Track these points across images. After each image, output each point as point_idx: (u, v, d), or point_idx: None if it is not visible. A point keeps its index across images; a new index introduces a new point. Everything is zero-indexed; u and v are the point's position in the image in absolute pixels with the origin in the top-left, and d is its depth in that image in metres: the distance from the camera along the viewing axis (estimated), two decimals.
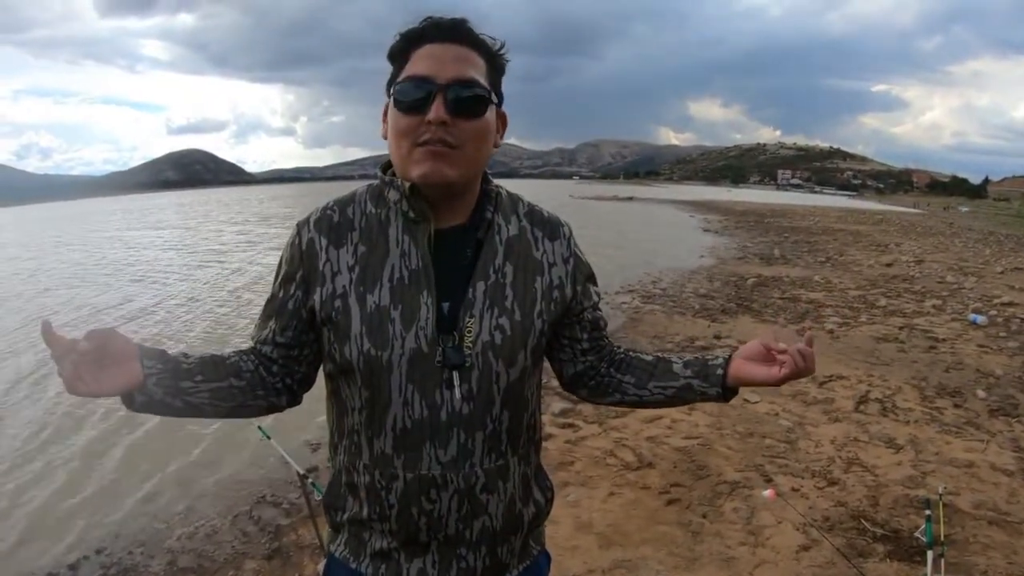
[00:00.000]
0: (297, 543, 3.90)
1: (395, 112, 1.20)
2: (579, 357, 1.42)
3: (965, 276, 14.47)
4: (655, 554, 3.55)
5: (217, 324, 10.34)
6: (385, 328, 1.19)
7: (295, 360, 1.32)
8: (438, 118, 1.14)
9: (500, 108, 1.28)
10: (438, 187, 1.20)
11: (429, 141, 1.16)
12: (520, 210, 1.35)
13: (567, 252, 1.35)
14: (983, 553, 3.50)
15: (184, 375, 1.19)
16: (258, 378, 1.29)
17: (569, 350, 1.41)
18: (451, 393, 1.20)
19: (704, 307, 10.52)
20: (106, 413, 6.38)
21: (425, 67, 1.17)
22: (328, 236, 1.25)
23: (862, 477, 4.40)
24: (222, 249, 22.40)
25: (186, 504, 4.56)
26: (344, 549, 1.35)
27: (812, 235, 26.06)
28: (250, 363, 1.30)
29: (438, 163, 1.16)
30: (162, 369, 1.16)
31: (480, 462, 1.25)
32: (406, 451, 1.22)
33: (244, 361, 1.29)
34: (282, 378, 1.32)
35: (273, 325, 1.29)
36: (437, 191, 1.21)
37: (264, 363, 1.31)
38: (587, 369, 1.44)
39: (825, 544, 3.55)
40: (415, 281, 1.21)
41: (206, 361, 1.24)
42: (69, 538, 4.20)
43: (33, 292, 14.12)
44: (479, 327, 1.22)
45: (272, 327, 1.30)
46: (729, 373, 1.32)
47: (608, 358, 1.46)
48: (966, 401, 6.02)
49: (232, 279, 14.94)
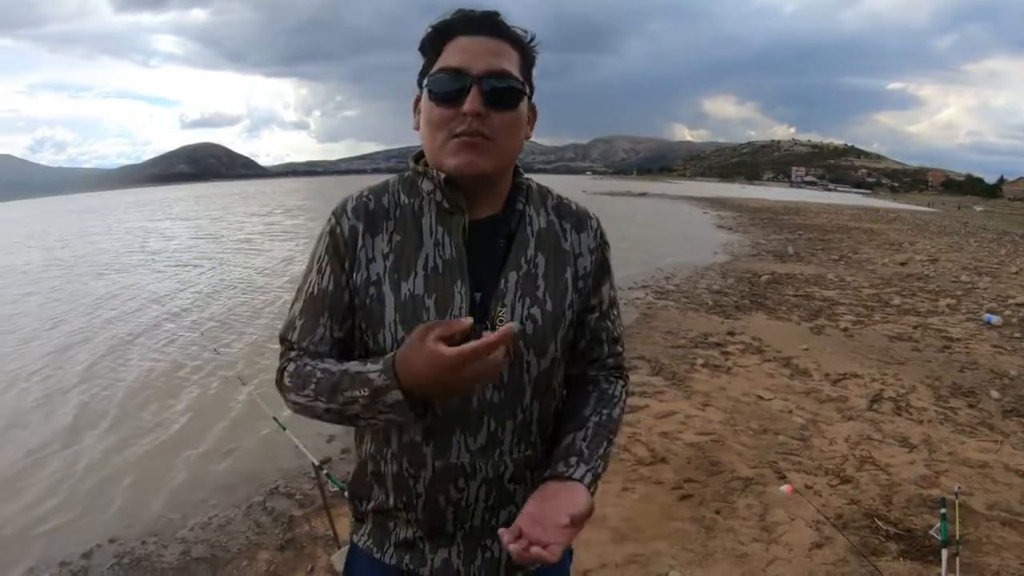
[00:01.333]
0: (310, 534, 3.91)
1: (429, 104, 1.20)
2: (570, 360, 1.36)
3: (980, 276, 14.38)
4: (668, 549, 3.57)
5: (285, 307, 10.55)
6: (419, 316, 1.19)
7: (348, 356, 1.28)
8: (473, 110, 1.15)
9: (531, 100, 1.28)
10: (472, 178, 1.20)
11: (464, 133, 1.17)
12: (549, 202, 1.34)
13: (594, 243, 1.34)
14: (996, 554, 3.49)
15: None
16: None
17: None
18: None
19: (718, 303, 10.50)
20: (120, 403, 6.45)
21: (459, 59, 1.18)
22: (365, 223, 1.25)
23: (875, 476, 4.40)
24: (258, 239, 22.77)
25: (200, 495, 4.59)
26: (368, 539, 1.35)
27: (826, 233, 25.93)
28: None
29: (472, 155, 1.17)
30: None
31: (509, 451, 1.25)
32: (436, 439, 1.22)
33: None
34: None
35: (327, 322, 1.27)
36: (471, 182, 1.21)
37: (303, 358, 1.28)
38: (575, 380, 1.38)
39: (838, 542, 3.56)
40: (449, 270, 1.21)
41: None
42: (83, 527, 4.24)
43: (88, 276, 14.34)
44: (511, 316, 1.21)
45: (326, 324, 1.27)
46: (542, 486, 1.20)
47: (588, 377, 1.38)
48: (980, 401, 6.00)
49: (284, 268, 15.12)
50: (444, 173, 1.21)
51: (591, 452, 1.25)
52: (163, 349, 8.52)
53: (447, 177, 1.21)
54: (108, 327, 9.84)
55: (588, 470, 1.21)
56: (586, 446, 1.26)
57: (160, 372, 7.49)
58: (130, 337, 9.14)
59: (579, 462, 1.22)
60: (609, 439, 1.30)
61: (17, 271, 16.63)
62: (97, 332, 9.53)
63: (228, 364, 7.59)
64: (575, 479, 1.19)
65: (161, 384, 7.06)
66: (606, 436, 1.29)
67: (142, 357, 8.16)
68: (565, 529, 1.09)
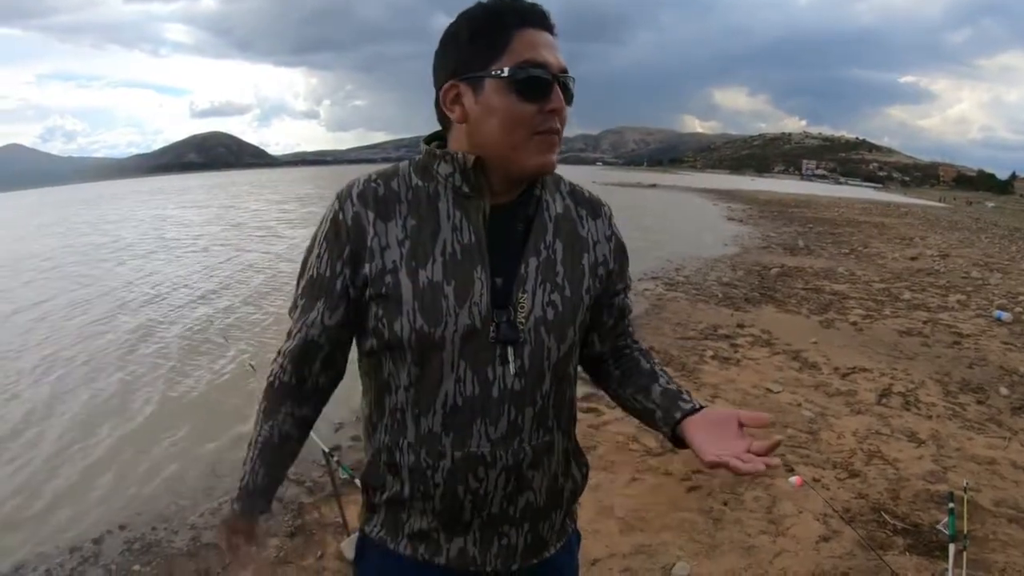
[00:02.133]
0: (320, 521, 3.92)
1: (510, 98, 1.16)
2: (596, 341, 1.41)
3: (990, 272, 14.32)
4: (676, 540, 3.58)
5: None
6: (439, 304, 1.17)
7: (340, 347, 1.30)
8: (561, 108, 1.18)
9: None
10: (543, 175, 1.25)
11: (551, 131, 1.18)
12: (563, 189, 1.35)
13: (609, 231, 1.36)
14: (1002, 550, 3.50)
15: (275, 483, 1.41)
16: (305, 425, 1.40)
17: (592, 331, 1.39)
18: (504, 369, 1.20)
19: (727, 296, 10.49)
20: (130, 391, 6.49)
21: (540, 54, 1.17)
22: (375, 209, 1.21)
23: (883, 470, 4.41)
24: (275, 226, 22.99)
25: (209, 481, 4.61)
26: (380, 530, 1.33)
27: (836, 226, 25.83)
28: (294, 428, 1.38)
29: (553, 153, 1.21)
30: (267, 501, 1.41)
31: (529, 438, 1.24)
32: (455, 429, 1.21)
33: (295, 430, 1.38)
34: (321, 373, 1.33)
35: (321, 307, 1.25)
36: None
37: (308, 353, 1.30)
38: (601, 353, 1.43)
39: (845, 535, 3.57)
40: (468, 256, 1.19)
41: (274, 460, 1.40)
42: (93, 513, 4.26)
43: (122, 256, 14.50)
44: (532, 303, 1.21)
45: (320, 309, 1.26)
46: (685, 425, 1.23)
47: (620, 347, 1.45)
48: (989, 398, 5.99)
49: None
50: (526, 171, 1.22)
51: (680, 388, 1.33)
52: (176, 335, 8.56)
53: (476, 162, 1.19)
54: (120, 315, 9.89)
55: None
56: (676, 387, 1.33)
57: (172, 359, 7.52)
58: (146, 324, 9.18)
59: (689, 395, 1.30)
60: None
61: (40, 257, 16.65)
62: (105, 321, 9.58)
63: (239, 351, 7.63)
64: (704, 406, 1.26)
65: (173, 371, 7.09)
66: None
67: (155, 343, 8.21)
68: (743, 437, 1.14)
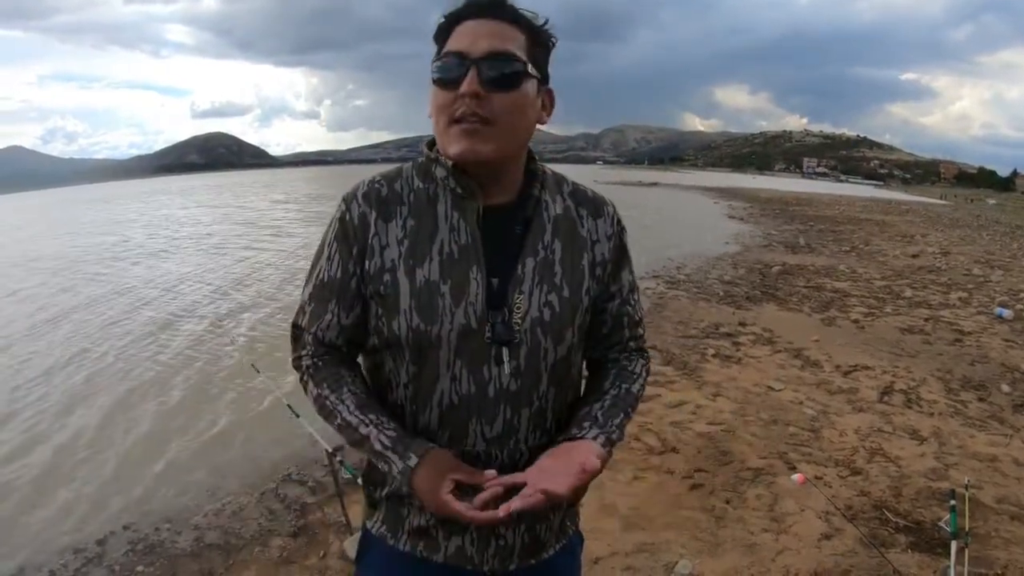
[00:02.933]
0: (323, 521, 3.93)
1: (433, 87, 1.21)
2: (590, 347, 1.39)
3: (992, 269, 14.31)
4: (678, 538, 3.59)
5: None
6: (435, 303, 1.18)
7: (356, 346, 1.32)
8: (470, 90, 1.15)
9: (546, 85, 1.27)
10: (475, 164, 1.20)
11: (464, 117, 1.16)
12: (565, 189, 1.34)
13: (611, 230, 1.34)
14: (1004, 547, 3.50)
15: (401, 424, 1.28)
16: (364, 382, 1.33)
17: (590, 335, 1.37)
18: (500, 369, 1.20)
19: (729, 294, 10.48)
20: (133, 390, 6.50)
21: (460, 43, 1.18)
22: (377, 209, 1.24)
23: (885, 468, 4.41)
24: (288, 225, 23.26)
25: (212, 482, 4.61)
26: (381, 526, 1.35)
27: (837, 224, 25.79)
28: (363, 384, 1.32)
29: (472, 140, 1.17)
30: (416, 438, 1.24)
31: (525, 439, 1.25)
32: (452, 427, 1.22)
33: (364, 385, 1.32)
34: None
35: (335, 308, 1.27)
36: (479, 168, 1.21)
37: (328, 355, 1.31)
38: (590, 360, 1.42)
39: (847, 533, 3.57)
40: (464, 257, 1.21)
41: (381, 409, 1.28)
42: (96, 513, 4.26)
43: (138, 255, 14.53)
44: (528, 303, 1.22)
45: (334, 311, 1.27)
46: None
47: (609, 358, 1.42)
48: (990, 395, 5.99)
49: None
50: (448, 159, 1.22)
51: (606, 419, 1.27)
52: (179, 336, 8.55)
53: (456, 163, 1.21)
54: (116, 319, 9.88)
55: (601, 433, 1.24)
56: (602, 414, 1.28)
57: (175, 360, 7.52)
58: (149, 326, 9.16)
59: (592, 426, 1.25)
60: (626, 411, 1.32)
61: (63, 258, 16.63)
62: (103, 322, 9.59)
63: (243, 351, 7.65)
64: (587, 439, 1.22)
65: (175, 371, 7.09)
66: (623, 408, 1.32)
67: (158, 344, 8.20)
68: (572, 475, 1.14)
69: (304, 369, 1.32)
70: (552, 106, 1.30)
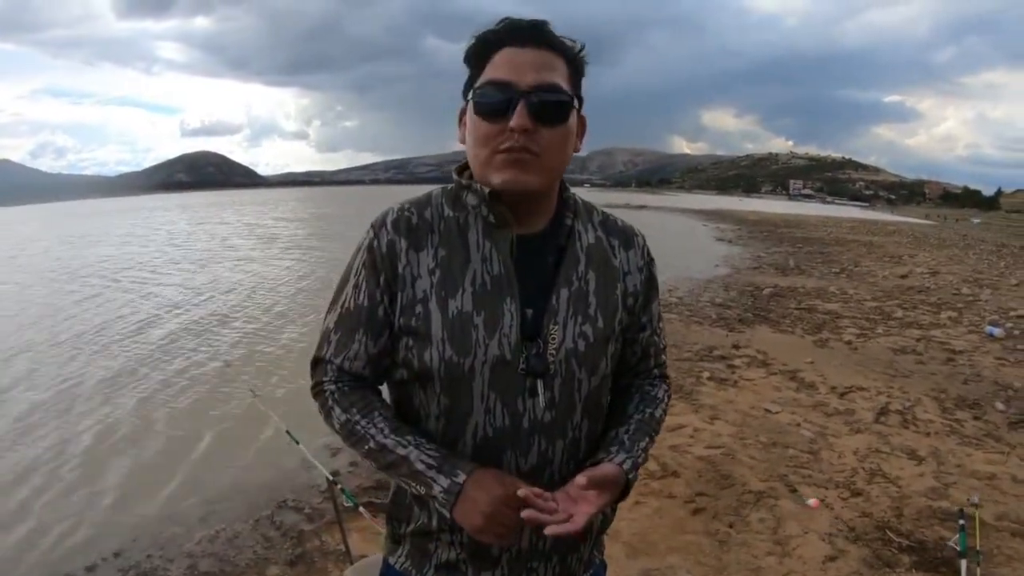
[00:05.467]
0: (321, 549, 3.85)
1: (475, 118, 1.17)
2: (620, 372, 1.37)
3: (980, 288, 14.41)
4: (683, 563, 3.58)
5: None
6: (468, 334, 1.16)
7: (383, 375, 1.28)
8: (521, 126, 1.12)
9: (580, 112, 1.23)
10: (519, 194, 1.17)
11: (512, 149, 1.13)
12: (595, 218, 1.33)
13: (641, 261, 1.33)
14: (1007, 564, 3.51)
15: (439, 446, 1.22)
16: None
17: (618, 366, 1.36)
18: (534, 401, 1.18)
19: (721, 316, 10.51)
20: (127, 414, 6.45)
21: (506, 72, 1.14)
22: (408, 238, 1.20)
23: (886, 488, 4.42)
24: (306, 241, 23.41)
25: (206, 508, 4.53)
26: (406, 560, 1.31)
27: (826, 246, 25.97)
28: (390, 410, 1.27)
29: (519, 171, 1.14)
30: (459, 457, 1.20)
31: (559, 470, 1.22)
32: (486, 460, 1.18)
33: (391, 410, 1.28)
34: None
35: (362, 338, 1.23)
36: (517, 198, 1.18)
37: (353, 382, 1.27)
38: (618, 387, 1.39)
39: (851, 554, 3.58)
40: (497, 287, 1.18)
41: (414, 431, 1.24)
42: (87, 540, 4.20)
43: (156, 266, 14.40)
44: (563, 335, 1.19)
45: (362, 340, 1.24)
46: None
47: (634, 384, 1.41)
48: (985, 413, 6.03)
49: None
50: (490, 188, 1.17)
51: (632, 443, 1.27)
52: (175, 359, 8.48)
53: (493, 191, 1.17)
54: (114, 338, 9.78)
55: (628, 457, 1.23)
56: (627, 437, 1.28)
57: (170, 383, 7.46)
58: (145, 349, 9.09)
59: (619, 450, 1.24)
60: (651, 435, 1.32)
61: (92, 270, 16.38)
62: (101, 343, 9.49)
63: (239, 376, 7.61)
64: (614, 463, 1.21)
65: (170, 395, 7.04)
66: (647, 432, 1.31)
67: (153, 367, 8.12)
68: (589, 500, 1.14)
69: (328, 395, 1.27)
70: (584, 132, 1.27)
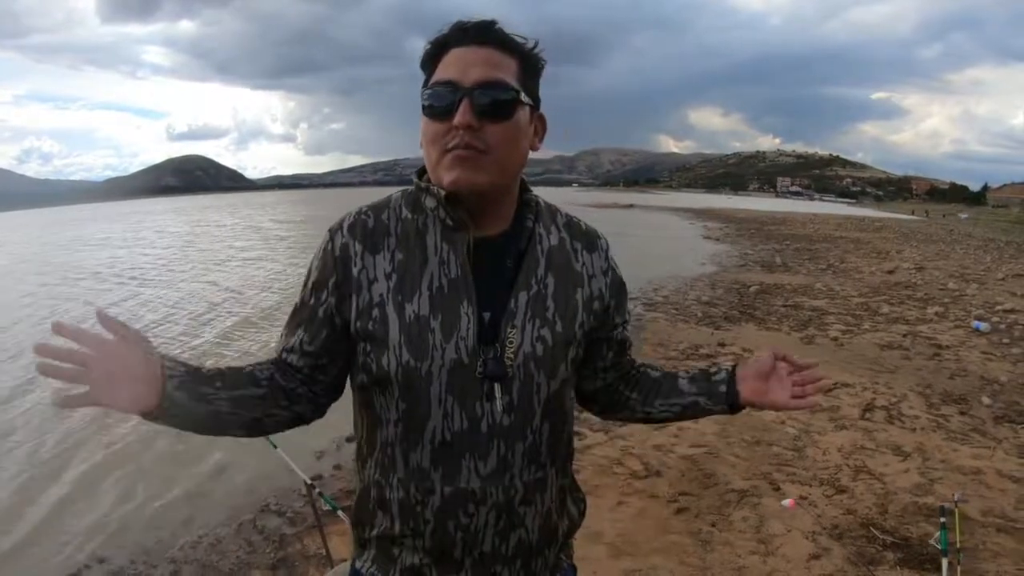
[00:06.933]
0: (303, 552, 3.86)
1: (424, 119, 1.17)
2: (599, 374, 1.41)
3: (967, 283, 14.50)
4: (666, 563, 3.54)
5: None
6: (425, 338, 1.15)
7: (321, 370, 1.27)
8: (464, 122, 1.11)
9: (537, 110, 1.24)
10: (469, 194, 1.16)
11: (457, 146, 1.13)
12: (559, 220, 1.32)
13: (605, 265, 1.33)
14: (992, 560, 3.51)
15: (204, 380, 1.15)
16: (277, 387, 1.23)
17: (591, 366, 1.38)
18: (492, 405, 1.17)
19: (707, 314, 10.52)
20: (109, 421, 6.37)
21: (450, 72, 1.15)
22: (363, 242, 1.21)
23: (870, 485, 4.40)
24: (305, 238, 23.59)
25: (189, 513, 4.53)
26: (371, 565, 1.31)
27: (813, 242, 26.10)
28: (265, 372, 1.24)
29: (467, 169, 1.13)
30: (184, 372, 1.12)
31: (520, 474, 1.21)
32: (444, 464, 1.19)
33: (259, 370, 1.24)
34: (307, 387, 1.27)
35: (302, 334, 1.24)
36: (471, 198, 1.17)
37: (286, 372, 1.26)
38: (604, 387, 1.43)
39: (835, 552, 3.56)
40: (455, 291, 1.17)
41: (223, 369, 1.20)
42: (71, 546, 4.18)
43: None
44: (521, 338, 1.19)
45: (300, 336, 1.25)
46: (741, 394, 1.35)
47: (626, 374, 1.45)
48: (971, 408, 6.03)
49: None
50: (443, 189, 1.17)
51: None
52: None
53: (449, 193, 1.17)
54: None
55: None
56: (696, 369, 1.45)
57: None
58: None
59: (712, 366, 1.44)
60: None
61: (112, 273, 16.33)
62: None
63: None
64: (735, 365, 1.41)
65: None
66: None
67: None
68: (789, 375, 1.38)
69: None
70: (544, 131, 1.28)
